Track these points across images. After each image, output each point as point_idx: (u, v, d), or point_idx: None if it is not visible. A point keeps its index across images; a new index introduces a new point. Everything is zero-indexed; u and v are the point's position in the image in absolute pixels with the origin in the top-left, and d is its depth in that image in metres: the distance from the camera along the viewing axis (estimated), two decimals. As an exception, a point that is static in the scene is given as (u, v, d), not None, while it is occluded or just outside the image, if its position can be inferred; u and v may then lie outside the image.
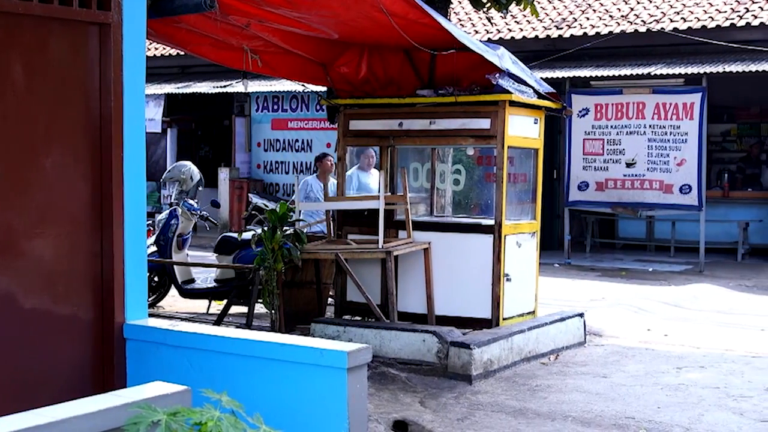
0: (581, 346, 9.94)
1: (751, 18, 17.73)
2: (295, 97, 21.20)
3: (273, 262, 9.09)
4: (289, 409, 5.02)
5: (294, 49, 9.43)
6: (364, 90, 9.97)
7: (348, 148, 10.24)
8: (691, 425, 7.04)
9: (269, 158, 21.74)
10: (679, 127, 16.60)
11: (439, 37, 8.60)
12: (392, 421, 7.09)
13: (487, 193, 10.42)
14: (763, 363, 9.22)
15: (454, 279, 9.37)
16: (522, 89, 9.13)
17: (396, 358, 8.64)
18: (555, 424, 7.08)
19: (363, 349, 5.02)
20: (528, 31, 19.84)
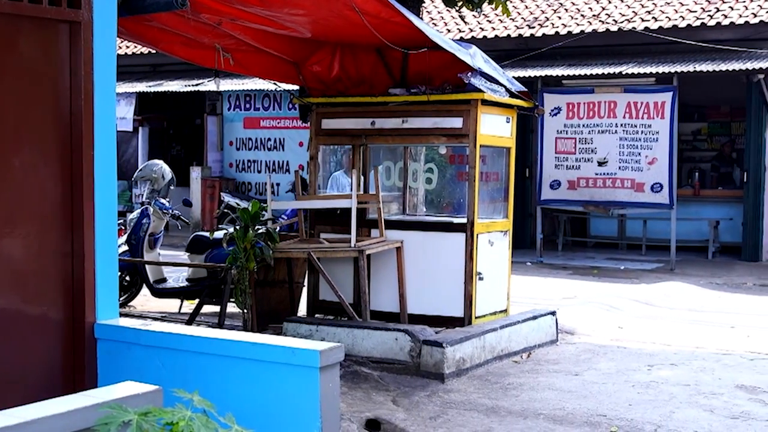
0: (553, 344, 9.97)
1: (721, 18, 17.86)
2: (267, 95, 21.17)
3: (245, 261, 9.06)
4: (262, 409, 5.01)
5: (266, 47, 9.40)
6: (337, 89, 9.96)
7: (321, 147, 10.22)
8: (662, 422, 7.07)
9: (241, 157, 21.69)
10: (650, 126, 16.69)
11: (412, 35, 8.60)
12: (365, 419, 7.09)
13: (460, 192, 10.42)
14: (733, 360, 9.29)
15: (426, 277, 9.37)
16: (494, 88, 9.15)
17: (369, 357, 8.63)
18: (527, 422, 7.10)
19: (335, 347, 5.01)
20: (500, 30, 19.88)
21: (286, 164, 20.95)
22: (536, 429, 6.93)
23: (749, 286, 14.87)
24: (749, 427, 6.95)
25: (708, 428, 6.93)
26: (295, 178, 10.15)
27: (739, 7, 18.04)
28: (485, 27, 20.24)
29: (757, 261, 17.18)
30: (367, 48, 9.67)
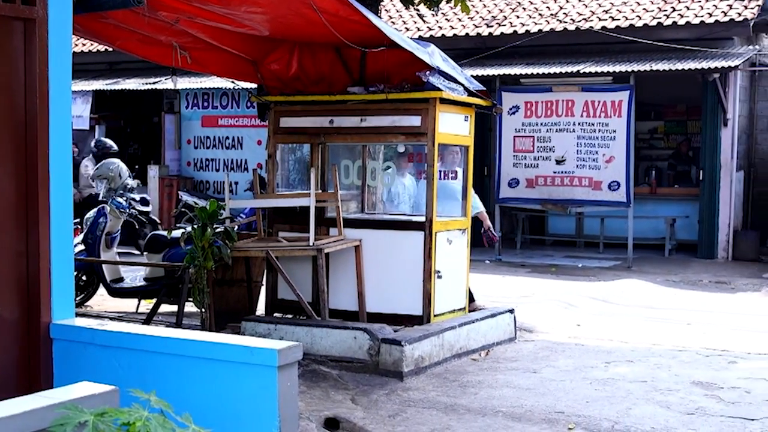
0: (512, 341, 10.01)
1: (677, 17, 18.01)
2: (225, 94, 21.07)
3: (203, 260, 9.02)
4: (220, 408, 4.99)
5: (224, 45, 9.36)
6: (295, 87, 9.93)
7: (279, 145, 10.19)
8: (619, 419, 7.12)
9: (199, 156, 21.57)
10: (607, 124, 16.81)
11: (370, 34, 8.60)
12: (323, 418, 7.08)
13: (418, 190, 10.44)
14: (689, 357, 9.37)
15: (385, 276, 9.37)
16: (452, 87, 9.17)
17: (327, 356, 8.63)
18: (485, 419, 7.13)
19: (293, 346, 5.01)
20: (459, 29, 19.93)
21: (245, 163, 20.87)
22: (495, 426, 6.96)
23: (705, 283, 15.01)
24: (705, 423, 7.02)
25: (664, 424, 6.99)
26: (254, 177, 10.12)
27: (694, 7, 18.20)
28: (444, 26, 20.28)
29: (713, 258, 17.34)
30: (325, 46, 9.65)
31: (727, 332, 10.91)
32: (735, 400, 7.68)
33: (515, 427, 6.94)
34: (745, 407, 7.46)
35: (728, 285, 14.86)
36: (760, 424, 7.00)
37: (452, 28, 20.09)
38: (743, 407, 7.46)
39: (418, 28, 20.50)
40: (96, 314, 10.98)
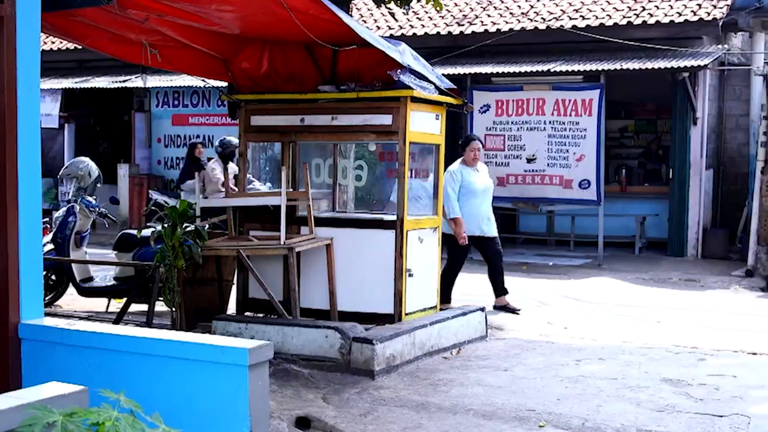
0: (483, 340, 10.03)
1: (647, 16, 18.10)
2: (195, 92, 21.01)
3: (173, 259, 8.99)
4: (190, 408, 4.98)
5: (194, 43, 9.32)
6: (266, 85, 9.91)
7: (250, 144, 10.16)
8: (590, 416, 7.15)
9: (170, 154, 21.49)
10: (578, 123, 16.86)
11: (341, 32, 8.59)
12: (295, 417, 7.07)
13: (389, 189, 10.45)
14: (659, 354, 9.42)
15: (356, 275, 9.37)
16: (423, 85, 9.17)
17: (298, 355, 8.62)
18: (457, 417, 7.14)
19: (264, 345, 4.99)
20: (429, 28, 19.94)
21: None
22: (466, 424, 6.97)
23: (675, 281, 15.10)
24: (674, 420, 7.06)
25: (634, 421, 7.02)
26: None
27: (664, 6, 18.30)
28: (415, 24, 20.29)
29: (683, 256, 17.44)
30: (296, 45, 9.64)
31: (696, 330, 10.97)
32: (704, 396, 7.74)
33: (486, 426, 6.96)
34: (714, 404, 7.51)
35: (698, 283, 14.95)
36: (728, 420, 7.05)
37: (423, 26, 20.11)
38: (712, 404, 7.51)
39: (389, 26, 20.50)
40: (65, 314, 10.91)
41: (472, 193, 11.47)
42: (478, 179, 11.59)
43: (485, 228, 11.60)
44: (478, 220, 11.50)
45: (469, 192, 11.44)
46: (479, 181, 11.58)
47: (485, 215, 11.61)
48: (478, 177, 11.61)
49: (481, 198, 11.56)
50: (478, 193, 11.53)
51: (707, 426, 6.91)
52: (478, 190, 11.53)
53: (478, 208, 11.52)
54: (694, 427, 6.89)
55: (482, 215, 11.55)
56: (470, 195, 11.45)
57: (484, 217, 11.57)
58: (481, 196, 11.57)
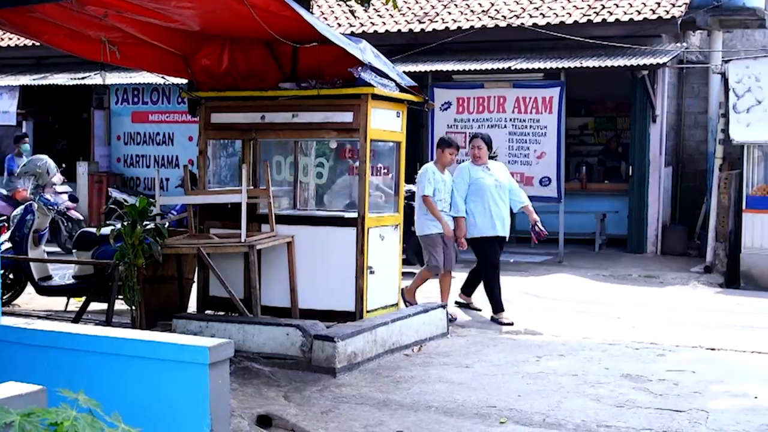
0: (444, 336, 10.05)
1: (606, 14, 18.20)
2: (155, 89, 20.86)
3: (133, 257, 8.93)
4: (151, 406, 4.94)
5: (153, 40, 9.27)
6: (226, 82, 9.87)
7: (210, 141, 10.12)
8: (550, 412, 7.19)
9: (129, 152, 21.33)
10: (538, 120, 16.93)
11: (302, 29, 8.56)
12: (256, 415, 7.04)
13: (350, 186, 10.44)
14: (619, 350, 9.49)
15: (317, 272, 9.35)
16: (384, 83, 9.17)
17: (260, 353, 8.59)
18: (418, 414, 7.15)
19: (225, 344, 4.97)
20: (390, 25, 19.95)
21: (176, 159, 20.68)
22: (427, 421, 6.98)
23: (634, 277, 15.20)
24: (634, 415, 7.11)
25: (594, 417, 7.06)
26: (185, 173, 10.04)
27: (624, 4, 18.40)
28: (376, 22, 20.28)
29: (642, 253, 17.56)
30: (257, 42, 9.60)
31: (656, 326, 11.06)
32: (663, 392, 7.80)
33: (447, 422, 6.97)
34: (673, 399, 7.57)
35: (657, 279, 15.06)
36: (687, 415, 7.11)
37: (384, 24, 20.10)
38: (671, 399, 7.57)
39: (350, 24, 20.48)
40: (24, 313, 10.80)
41: (481, 191, 11.08)
42: (486, 177, 11.16)
43: (500, 227, 11.18)
44: (493, 218, 11.09)
45: (478, 190, 11.09)
46: (488, 179, 11.15)
47: (500, 214, 11.17)
48: (486, 174, 11.19)
49: (492, 196, 11.10)
50: (487, 191, 11.08)
51: (666, 421, 6.97)
52: (487, 188, 11.09)
53: (491, 206, 11.08)
54: (654, 422, 6.94)
55: (497, 214, 11.12)
56: (479, 193, 11.07)
57: (497, 216, 11.12)
58: (491, 194, 11.10)
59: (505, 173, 11.50)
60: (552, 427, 6.87)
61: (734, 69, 15.50)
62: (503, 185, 11.26)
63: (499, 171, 11.44)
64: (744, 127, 15.24)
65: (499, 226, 11.15)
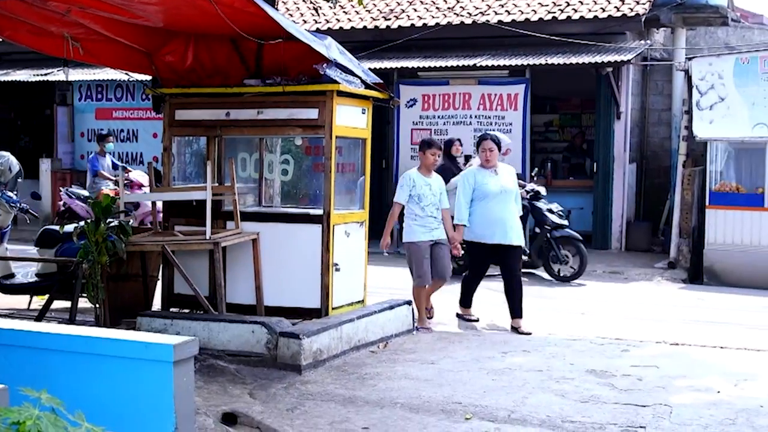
0: (410, 333, 10.06)
1: (571, 12, 18.31)
2: (119, 85, 20.76)
3: (97, 255, 8.87)
4: (115, 405, 4.91)
5: (117, 36, 9.20)
6: (190, 79, 9.82)
7: (175, 138, 10.07)
8: (516, 408, 7.21)
9: (93, 149, 21.18)
10: (503, 117, 17.02)
11: (266, 26, 8.54)
12: (221, 413, 7.02)
13: (316, 183, 10.41)
14: (583, 346, 9.53)
15: (283, 269, 9.34)
16: (349, 79, 9.17)
17: (225, 350, 8.56)
18: (384, 411, 7.14)
19: (189, 341, 4.94)
20: (356, 22, 19.95)
21: (140, 156, 20.59)
22: (393, 418, 6.98)
23: (599, 273, 15.29)
24: (599, 410, 7.14)
25: (559, 412, 7.09)
26: (149, 171, 9.98)
27: (588, 1, 18.52)
28: (341, 18, 20.27)
29: (607, 249, 17.67)
30: (221, 38, 9.56)
31: (620, 321, 11.13)
32: (628, 387, 7.84)
33: (413, 418, 6.97)
34: (638, 394, 7.62)
35: (621, 275, 15.16)
36: (651, 410, 7.15)
37: (350, 20, 20.10)
38: (635, 394, 7.61)
39: (315, 20, 20.46)
40: (-14, 311, 10.71)
41: (485, 196, 10.50)
42: (492, 182, 10.54)
43: (501, 235, 10.49)
44: (493, 225, 10.48)
45: (483, 195, 10.52)
46: (494, 184, 10.52)
47: (503, 221, 10.49)
48: (493, 179, 10.57)
49: (495, 202, 10.49)
50: (492, 197, 10.48)
51: (631, 416, 7.01)
52: (492, 193, 10.48)
53: (494, 212, 10.47)
54: (618, 417, 6.98)
55: (498, 221, 10.47)
56: (484, 199, 10.52)
57: (501, 223, 10.47)
58: (496, 199, 10.50)
59: (512, 177, 10.89)
60: (517, 422, 6.90)
61: (697, 66, 15.63)
62: (510, 190, 10.62)
63: (507, 175, 10.80)
64: (707, 124, 15.38)
65: (499, 233, 10.49)
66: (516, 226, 10.64)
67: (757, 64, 15.24)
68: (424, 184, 10.46)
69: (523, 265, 14.02)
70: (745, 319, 11.51)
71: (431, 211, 10.42)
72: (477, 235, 10.57)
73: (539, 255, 14.65)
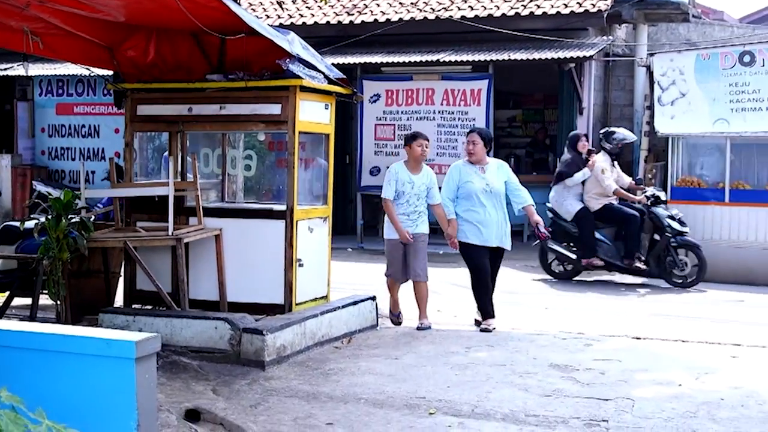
0: (373, 328, 10.06)
1: (534, 8, 18.36)
2: (81, 80, 20.58)
3: (58, 251, 8.80)
4: (76, 402, 4.87)
5: (78, 31, 9.13)
6: (152, 74, 9.76)
7: (136, 134, 10.00)
8: (479, 402, 7.23)
9: (54, 144, 21.02)
10: (467, 112, 17.05)
11: (229, 21, 8.50)
12: (184, 410, 6.98)
13: (279, 179, 10.39)
14: (546, 340, 9.57)
15: (246, 265, 9.31)
16: (312, 75, 9.14)
17: (188, 347, 8.52)
18: (348, 406, 7.14)
19: (151, 338, 4.92)
20: (319, 17, 19.90)
21: (102, 151, 20.43)
22: (357, 413, 6.98)
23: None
24: (562, 404, 7.18)
25: (523, 406, 7.12)
26: (111, 166, 9.91)
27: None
28: (304, 13, 20.22)
29: (570, 244, 17.72)
30: (183, 33, 9.51)
31: (582, 316, 11.18)
32: (590, 381, 7.88)
33: (377, 414, 6.98)
34: (600, 388, 7.66)
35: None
36: (613, 403, 7.19)
37: (313, 15, 20.05)
38: (598, 388, 7.66)
39: (278, 15, 20.39)
40: (-54, 309, 10.59)
41: (469, 195, 10.11)
42: (477, 180, 10.16)
43: (491, 237, 10.15)
44: (480, 227, 10.10)
45: (467, 194, 10.14)
46: (478, 183, 10.14)
47: (490, 223, 10.11)
48: (477, 177, 10.18)
49: (481, 203, 10.09)
50: (474, 197, 10.09)
51: (593, 409, 7.04)
52: (474, 193, 10.10)
53: (479, 214, 10.08)
54: (581, 410, 7.02)
55: (484, 222, 10.09)
56: (467, 198, 10.14)
57: (484, 224, 10.09)
58: (482, 199, 10.10)
59: (501, 175, 10.37)
60: (481, 417, 6.92)
61: (659, 62, 15.74)
62: (496, 190, 10.18)
63: (494, 173, 10.32)
64: (669, 120, 15.49)
65: (486, 235, 10.13)
66: (507, 228, 10.33)
67: (718, 59, 15.37)
68: (407, 180, 10.14)
69: (640, 273, 14.06)
70: (706, 312, 11.60)
71: (410, 207, 10.16)
72: (467, 236, 10.14)
73: (657, 263, 14.05)
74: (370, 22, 19.27)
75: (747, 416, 6.91)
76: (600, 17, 18.00)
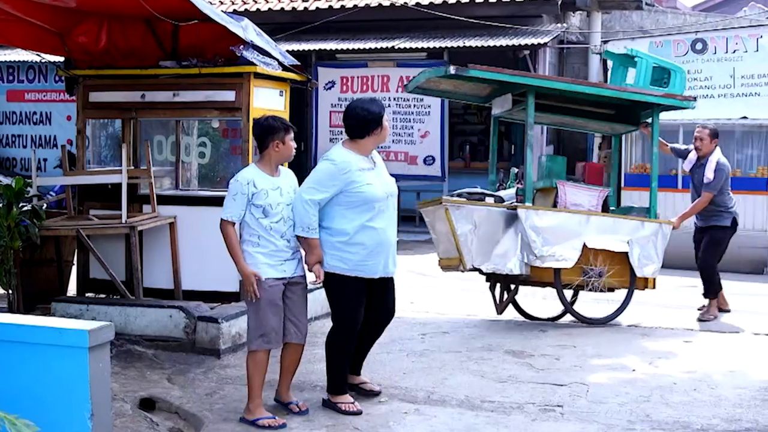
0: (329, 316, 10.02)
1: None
2: (32, 67, 20.32)
3: (9, 240, 8.71)
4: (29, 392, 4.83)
5: (27, 17, 8.99)
6: (105, 60, 9.65)
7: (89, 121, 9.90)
8: (435, 389, 7.25)
9: (5, 132, 20.74)
10: (422, 100, 17.06)
11: (182, 7, 8.41)
12: (139, 399, 6.95)
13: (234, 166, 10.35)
14: (502, 326, 9.62)
15: (201, 253, 9.25)
16: (267, 61, 9.09)
17: (142, 335, 8.47)
18: (303, 394, 7.14)
19: (105, 327, 4.89)
20: (273, 4, 19.80)
21: (54, 139, 20.21)
22: (313, 401, 6.98)
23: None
24: (517, 390, 7.22)
25: (479, 392, 7.15)
26: (63, 154, 9.81)
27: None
28: (259, 0, 20.11)
29: (525, 230, 17.80)
30: (136, 19, 9.40)
31: (538, 302, 11.23)
32: (545, 367, 7.93)
33: (333, 401, 6.97)
34: (555, 373, 7.71)
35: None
36: (568, 389, 7.24)
37: (267, 2, 19.95)
38: (553, 373, 7.71)
39: (232, 1, 20.27)
40: None
41: (365, 203, 6.64)
42: (376, 180, 6.78)
43: (385, 265, 6.75)
44: (379, 253, 6.69)
45: (362, 202, 6.64)
46: (379, 184, 6.76)
47: (390, 244, 6.77)
48: (374, 176, 6.82)
49: (382, 214, 6.70)
50: (378, 206, 6.67)
51: (548, 395, 7.09)
52: (377, 199, 6.68)
53: (380, 233, 6.67)
54: (536, 396, 7.06)
55: (386, 244, 6.72)
56: (364, 207, 6.64)
57: (387, 248, 6.73)
58: (383, 210, 6.72)
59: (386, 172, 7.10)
60: (437, 403, 6.94)
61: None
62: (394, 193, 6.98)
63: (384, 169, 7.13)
64: (622, 107, 15.55)
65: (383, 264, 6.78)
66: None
67: (671, 47, 15.48)
68: (271, 187, 6.88)
69: None
70: (659, 298, 11.70)
71: (282, 233, 6.70)
72: (353, 266, 6.67)
73: None
74: (324, 8, 19.21)
75: (699, 400, 6.99)
76: (554, 5, 18.07)
